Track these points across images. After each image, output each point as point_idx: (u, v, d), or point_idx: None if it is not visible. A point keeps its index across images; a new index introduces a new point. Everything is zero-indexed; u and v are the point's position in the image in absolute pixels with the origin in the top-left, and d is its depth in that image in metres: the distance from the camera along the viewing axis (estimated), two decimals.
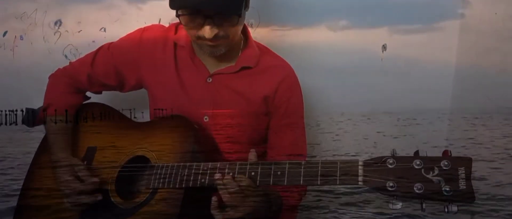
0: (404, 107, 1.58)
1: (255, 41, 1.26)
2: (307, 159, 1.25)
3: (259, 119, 1.22)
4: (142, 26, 1.28)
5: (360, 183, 0.83)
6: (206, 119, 1.20)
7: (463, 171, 0.77)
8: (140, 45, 1.24)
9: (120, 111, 1.25)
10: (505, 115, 1.56)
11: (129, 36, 1.27)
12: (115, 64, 1.25)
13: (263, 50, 1.26)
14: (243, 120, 1.21)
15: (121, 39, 1.28)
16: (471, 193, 0.75)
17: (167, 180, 1.02)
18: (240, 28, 1.14)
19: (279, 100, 1.21)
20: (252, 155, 1.00)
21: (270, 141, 1.24)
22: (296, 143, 1.23)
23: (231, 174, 0.96)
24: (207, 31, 1.04)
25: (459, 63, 1.48)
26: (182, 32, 1.22)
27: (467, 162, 0.77)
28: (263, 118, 1.22)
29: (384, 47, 1.42)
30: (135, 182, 1.12)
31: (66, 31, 1.52)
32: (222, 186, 0.96)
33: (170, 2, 1.04)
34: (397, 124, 1.59)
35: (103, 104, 1.29)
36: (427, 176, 0.78)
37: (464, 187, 0.75)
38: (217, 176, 0.96)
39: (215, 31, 1.05)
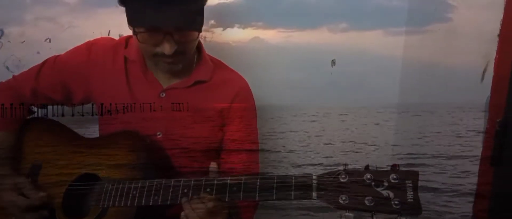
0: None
1: (208, 55, 1.25)
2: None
3: (214, 132, 1.22)
4: (91, 39, 1.24)
5: (314, 197, 0.85)
6: (159, 135, 1.17)
7: (411, 184, 0.80)
8: (89, 58, 1.20)
9: (67, 126, 1.20)
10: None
11: (76, 49, 1.22)
12: (62, 78, 1.20)
13: (217, 64, 1.26)
14: (198, 134, 1.20)
15: (68, 52, 1.23)
16: (418, 205, 0.79)
17: (117, 198, 0.99)
18: (196, 43, 1.14)
19: (234, 114, 1.22)
20: (212, 167, 1.00)
21: (224, 155, 1.24)
22: (250, 156, 1.24)
23: (196, 195, 0.95)
24: (167, 48, 1.04)
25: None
26: (133, 46, 1.20)
27: (414, 175, 0.81)
28: (218, 131, 1.22)
29: (333, 62, 1.47)
30: (84, 201, 1.08)
31: (8, 41, 1.44)
32: (189, 209, 0.95)
33: (129, 20, 1.03)
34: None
35: (49, 119, 1.23)
36: (377, 189, 0.81)
37: (412, 199, 0.79)
38: (184, 199, 0.95)
39: (175, 47, 1.04)
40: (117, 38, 1.26)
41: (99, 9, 1.47)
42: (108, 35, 1.39)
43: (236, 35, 1.65)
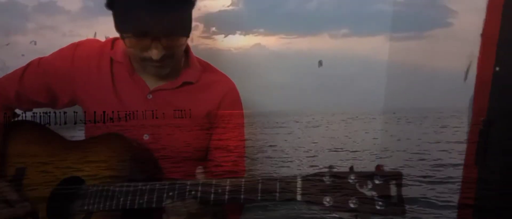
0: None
1: (196, 57, 1.25)
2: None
3: (202, 134, 1.21)
4: (76, 41, 1.23)
5: (298, 199, 0.85)
6: (146, 137, 1.17)
7: (395, 185, 0.80)
8: (74, 60, 1.19)
9: (53, 129, 1.19)
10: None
11: (61, 51, 1.21)
12: (46, 81, 1.19)
13: (205, 66, 1.26)
14: (186, 136, 1.19)
15: (53, 54, 1.22)
16: (402, 206, 0.79)
17: (102, 202, 0.98)
18: (184, 47, 1.14)
19: (222, 115, 1.22)
20: (199, 172, 0.98)
21: (211, 157, 1.23)
22: (237, 158, 1.24)
23: (180, 198, 0.94)
24: (155, 53, 1.03)
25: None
26: (119, 47, 1.19)
27: (397, 175, 0.81)
28: (205, 133, 1.22)
29: (320, 63, 1.46)
30: (69, 205, 1.07)
31: None
32: (172, 212, 0.94)
33: (117, 26, 1.03)
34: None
35: (34, 122, 1.21)
36: (361, 190, 0.81)
37: (396, 200, 0.79)
38: (167, 202, 0.94)
39: (162, 52, 1.04)
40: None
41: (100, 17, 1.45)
42: (94, 37, 1.38)
43: (238, 42, 1.65)
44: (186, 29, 1.07)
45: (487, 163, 0.99)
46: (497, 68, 0.99)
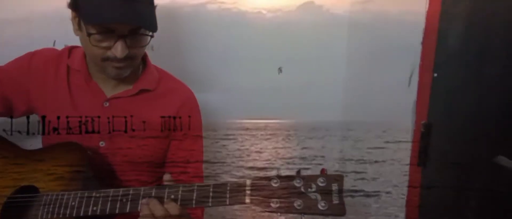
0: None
1: (154, 65, 1.26)
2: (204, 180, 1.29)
3: (159, 142, 1.22)
4: (32, 50, 1.23)
5: (247, 202, 0.88)
6: (102, 144, 1.17)
7: (336, 187, 0.85)
8: (30, 69, 1.19)
9: (7, 138, 1.18)
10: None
11: (17, 60, 1.21)
12: (2, 90, 1.18)
13: (162, 74, 1.27)
14: (142, 144, 1.20)
15: (8, 64, 1.22)
16: (342, 206, 0.83)
17: (56, 210, 0.99)
18: (145, 49, 1.15)
19: (179, 123, 1.23)
20: (166, 177, 0.99)
21: (169, 164, 1.25)
22: (195, 165, 1.26)
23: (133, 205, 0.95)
24: (119, 51, 1.04)
25: None
26: (77, 55, 1.20)
27: (339, 178, 0.86)
28: (163, 141, 1.23)
29: (280, 70, 1.49)
30: (23, 214, 1.06)
31: None
32: (147, 212, 0.94)
33: (85, 18, 1.02)
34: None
35: None
36: (306, 193, 0.85)
37: (337, 201, 0.83)
38: (144, 201, 0.94)
39: (126, 51, 1.05)
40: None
41: None
42: (53, 45, 1.38)
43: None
44: (154, 23, 1.07)
45: (428, 163, 1.05)
46: (435, 74, 1.06)
